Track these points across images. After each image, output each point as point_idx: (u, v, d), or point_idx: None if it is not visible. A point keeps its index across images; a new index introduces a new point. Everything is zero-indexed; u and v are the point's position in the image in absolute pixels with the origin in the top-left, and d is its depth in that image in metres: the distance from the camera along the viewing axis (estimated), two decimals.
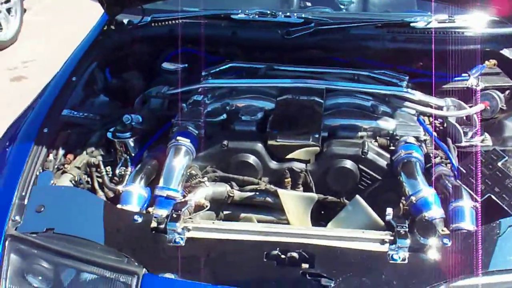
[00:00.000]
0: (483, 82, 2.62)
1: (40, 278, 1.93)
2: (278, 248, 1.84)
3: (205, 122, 2.38)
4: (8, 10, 6.16)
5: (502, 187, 2.07)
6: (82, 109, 2.51)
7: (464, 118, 2.46)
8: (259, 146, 2.25)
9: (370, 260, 1.85)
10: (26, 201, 2.09)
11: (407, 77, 2.56)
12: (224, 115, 2.42)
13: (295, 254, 1.83)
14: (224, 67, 2.69)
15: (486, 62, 2.71)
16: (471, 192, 2.07)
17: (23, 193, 2.11)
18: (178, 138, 2.28)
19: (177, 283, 1.81)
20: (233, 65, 2.70)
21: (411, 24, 2.82)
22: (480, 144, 2.33)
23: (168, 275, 1.83)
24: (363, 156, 2.20)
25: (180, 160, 2.24)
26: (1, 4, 6.04)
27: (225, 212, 2.29)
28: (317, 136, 2.24)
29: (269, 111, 2.41)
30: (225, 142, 2.27)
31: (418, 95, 2.44)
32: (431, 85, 2.59)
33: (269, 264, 1.82)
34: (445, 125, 2.45)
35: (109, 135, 2.37)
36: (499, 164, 2.12)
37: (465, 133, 2.41)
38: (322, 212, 2.26)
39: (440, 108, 2.43)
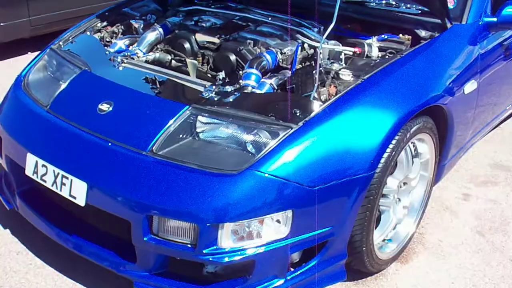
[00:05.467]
0: (383, 44, 3.61)
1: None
2: (153, 77, 3.28)
3: (180, 23, 3.88)
4: None
5: (303, 85, 3.17)
6: (136, 10, 4.20)
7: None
8: (192, 37, 3.65)
9: (186, 92, 3.17)
10: (70, 39, 3.86)
11: (322, 27, 3.68)
12: (193, 22, 3.87)
13: (151, 79, 3.26)
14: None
15: (401, 35, 3.67)
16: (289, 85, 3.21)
17: (71, 37, 3.87)
18: (156, 24, 3.82)
19: (91, 76, 3.37)
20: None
21: (365, 4, 3.91)
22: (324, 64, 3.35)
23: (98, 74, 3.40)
24: (238, 50, 3.45)
25: (151, 35, 3.74)
26: None
27: None
28: (223, 36, 3.58)
29: (215, 25, 3.81)
30: (176, 31, 3.74)
31: (311, 34, 3.57)
32: (340, 38, 3.67)
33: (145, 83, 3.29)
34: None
35: (132, 21, 4.01)
36: (313, 72, 3.21)
37: (332, 63, 3.46)
38: None
39: (317, 41, 3.51)
